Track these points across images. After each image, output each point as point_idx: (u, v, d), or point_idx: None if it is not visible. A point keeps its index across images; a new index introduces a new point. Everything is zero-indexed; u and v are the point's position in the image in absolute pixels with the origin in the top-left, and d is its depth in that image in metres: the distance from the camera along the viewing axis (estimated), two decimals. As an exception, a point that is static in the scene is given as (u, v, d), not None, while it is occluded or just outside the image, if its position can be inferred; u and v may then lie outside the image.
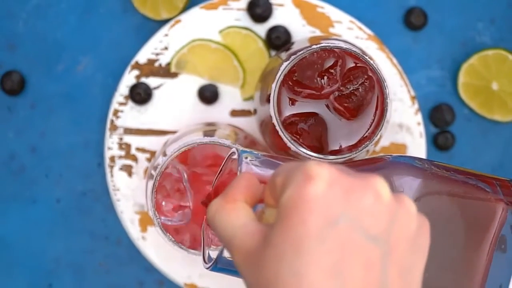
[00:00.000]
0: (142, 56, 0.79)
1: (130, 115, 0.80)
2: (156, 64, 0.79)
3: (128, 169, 0.79)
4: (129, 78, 0.79)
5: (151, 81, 0.79)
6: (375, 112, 0.69)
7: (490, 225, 0.58)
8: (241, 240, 0.48)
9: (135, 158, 0.79)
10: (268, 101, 0.68)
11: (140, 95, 0.79)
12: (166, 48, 0.79)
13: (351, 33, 0.79)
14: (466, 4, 0.81)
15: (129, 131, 0.79)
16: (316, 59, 0.69)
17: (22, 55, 0.81)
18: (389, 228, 0.47)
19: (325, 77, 0.69)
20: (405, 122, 0.79)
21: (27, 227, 0.81)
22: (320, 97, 0.70)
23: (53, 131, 0.81)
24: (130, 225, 0.79)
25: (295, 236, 0.45)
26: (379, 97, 0.69)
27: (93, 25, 0.81)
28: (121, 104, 0.79)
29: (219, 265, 0.53)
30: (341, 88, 0.69)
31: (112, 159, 0.79)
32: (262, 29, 0.79)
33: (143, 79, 0.79)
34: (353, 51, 0.67)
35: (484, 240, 0.58)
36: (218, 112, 0.80)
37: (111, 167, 0.79)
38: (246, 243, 0.48)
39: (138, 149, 0.79)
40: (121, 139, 0.79)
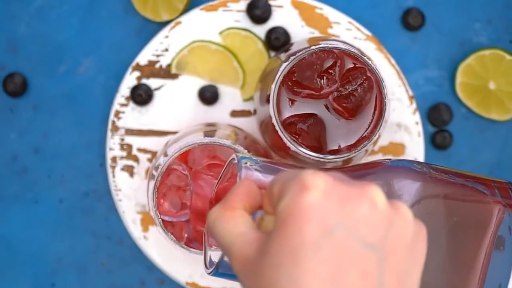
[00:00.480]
0: (143, 57, 0.79)
1: (131, 116, 0.80)
2: (157, 66, 0.79)
3: (129, 170, 0.79)
4: (130, 80, 0.79)
5: (152, 82, 0.79)
6: (374, 112, 0.69)
7: (488, 227, 0.58)
8: (239, 248, 0.48)
9: (136, 159, 0.79)
10: (267, 101, 0.68)
11: (141, 96, 0.79)
12: (166, 50, 0.79)
13: (350, 33, 0.79)
14: (463, 4, 0.81)
15: (130, 132, 0.80)
16: (315, 60, 0.69)
17: (24, 57, 0.81)
18: (385, 236, 0.47)
19: (324, 78, 0.69)
20: (403, 121, 0.79)
21: (30, 227, 0.81)
22: (319, 97, 0.70)
23: (55, 132, 0.81)
24: (132, 224, 0.79)
25: (291, 245, 0.45)
26: (378, 97, 0.69)
27: (94, 27, 0.81)
28: (123, 105, 0.80)
29: (220, 270, 0.53)
30: (340, 89, 0.69)
31: (114, 159, 0.79)
32: (262, 30, 0.79)
33: (144, 80, 0.79)
34: (352, 51, 0.67)
35: (482, 241, 0.58)
36: (219, 113, 0.80)
37: (113, 167, 0.79)
38: (244, 252, 0.48)
39: (139, 149, 0.80)
40: (122, 139, 0.80)
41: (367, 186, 0.47)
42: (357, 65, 0.69)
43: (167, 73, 0.79)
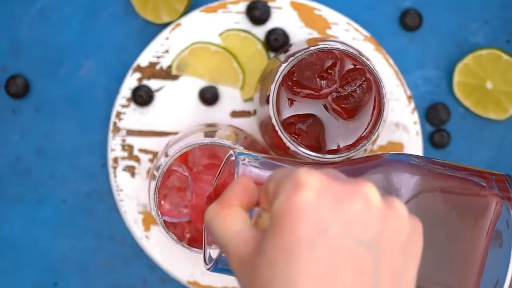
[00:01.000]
0: (144, 59, 0.79)
1: (133, 117, 0.80)
2: (158, 67, 0.79)
3: (131, 170, 0.80)
4: (131, 81, 0.80)
5: (153, 84, 0.79)
6: (373, 111, 0.69)
7: (485, 220, 0.58)
8: (236, 246, 0.48)
9: (137, 159, 0.80)
10: (267, 102, 0.68)
11: (142, 97, 0.79)
12: (167, 51, 0.79)
13: (348, 34, 0.79)
14: (460, 5, 0.81)
15: (131, 133, 0.80)
16: (315, 60, 0.69)
17: (26, 59, 0.81)
18: (380, 233, 0.46)
19: (324, 78, 0.69)
20: (401, 121, 0.79)
21: (33, 227, 0.81)
22: (318, 98, 0.70)
23: (58, 134, 0.81)
24: (134, 224, 0.79)
25: (286, 244, 0.45)
26: (376, 97, 0.69)
27: (95, 29, 0.81)
28: (124, 106, 0.80)
29: (219, 266, 0.53)
30: (339, 89, 0.69)
31: (115, 160, 0.80)
32: (261, 31, 0.79)
33: (145, 82, 0.79)
34: (350, 52, 0.67)
35: (480, 235, 0.58)
36: (219, 113, 0.80)
37: (115, 168, 0.79)
38: (240, 250, 0.48)
39: (140, 150, 0.80)
40: (124, 140, 0.80)
41: (361, 184, 0.47)
42: (356, 66, 0.69)
43: (167, 74, 0.79)
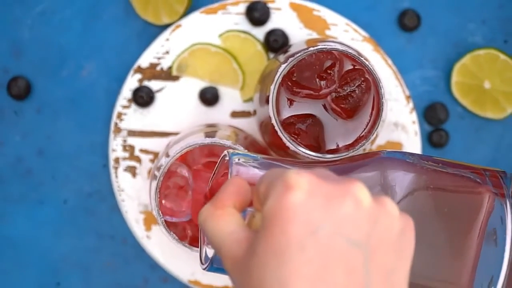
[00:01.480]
0: (144, 60, 0.79)
1: (134, 118, 0.80)
2: (158, 68, 0.79)
3: (132, 170, 0.80)
4: (132, 82, 0.80)
5: (153, 84, 0.80)
6: (372, 111, 0.69)
7: (479, 215, 0.58)
8: (229, 247, 0.48)
9: (138, 159, 0.80)
10: (267, 102, 0.68)
11: (143, 98, 0.79)
12: (167, 52, 0.79)
13: (347, 35, 0.79)
14: (458, 5, 0.81)
15: (132, 133, 0.80)
16: (314, 61, 0.69)
17: (27, 61, 0.81)
18: (370, 233, 0.46)
19: (323, 78, 0.69)
20: (400, 121, 0.79)
21: (35, 227, 0.82)
22: (318, 98, 0.70)
23: (59, 134, 0.81)
24: (135, 224, 0.80)
25: (277, 245, 0.45)
26: (375, 97, 0.69)
27: (96, 31, 0.81)
28: (125, 107, 0.80)
29: (214, 265, 0.53)
30: (338, 90, 0.69)
31: (117, 160, 0.80)
32: (261, 32, 0.79)
33: (146, 83, 0.80)
34: (349, 52, 0.67)
35: (472, 230, 0.57)
36: (219, 114, 0.80)
37: (116, 168, 0.80)
38: (233, 251, 0.48)
39: (141, 150, 0.80)
40: (125, 141, 0.80)
41: (351, 183, 0.47)
42: (355, 67, 0.69)
43: (168, 75, 0.80)
